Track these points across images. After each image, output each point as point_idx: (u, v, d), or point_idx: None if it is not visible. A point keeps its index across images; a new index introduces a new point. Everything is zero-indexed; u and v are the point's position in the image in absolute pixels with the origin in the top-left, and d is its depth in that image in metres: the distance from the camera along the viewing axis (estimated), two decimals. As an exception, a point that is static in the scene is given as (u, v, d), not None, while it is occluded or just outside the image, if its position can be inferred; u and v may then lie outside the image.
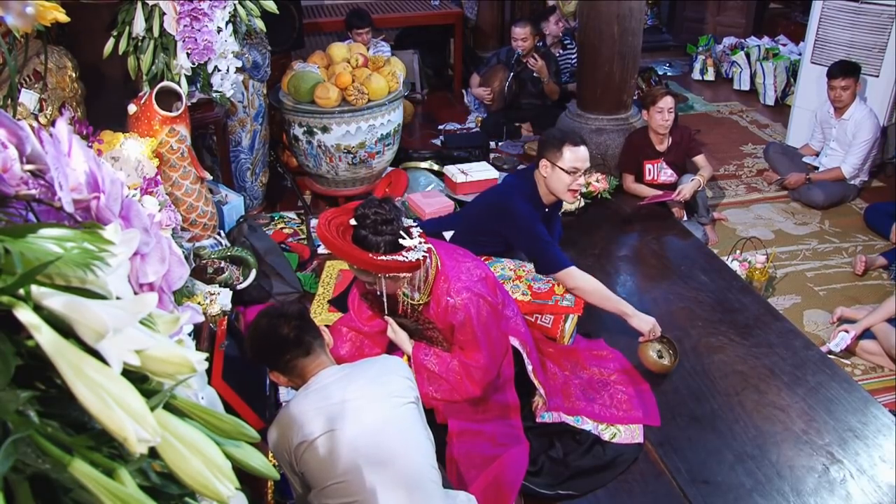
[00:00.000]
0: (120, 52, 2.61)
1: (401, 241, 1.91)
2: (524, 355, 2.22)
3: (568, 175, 2.52)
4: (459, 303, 2.00)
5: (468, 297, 2.00)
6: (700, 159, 3.87)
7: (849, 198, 4.15)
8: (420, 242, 1.94)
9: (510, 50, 4.86)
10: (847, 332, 2.88)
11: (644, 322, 2.46)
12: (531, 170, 2.68)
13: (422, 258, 1.92)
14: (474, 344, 2.04)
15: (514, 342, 2.20)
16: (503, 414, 2.18)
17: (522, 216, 2.54)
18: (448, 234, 2.75)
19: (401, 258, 1.89)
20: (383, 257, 1.88)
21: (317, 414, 1.56)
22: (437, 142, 4.78)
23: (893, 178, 4.37)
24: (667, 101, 3.69)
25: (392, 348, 2.25)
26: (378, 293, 2.02)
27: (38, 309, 0.52)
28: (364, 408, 1.59)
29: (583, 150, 2.53)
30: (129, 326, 0.53)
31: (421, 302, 2.07)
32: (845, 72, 3.99)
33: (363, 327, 2.27)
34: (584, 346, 2.61)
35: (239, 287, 2.62)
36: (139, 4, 2.54)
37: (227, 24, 2.74)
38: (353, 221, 1.92)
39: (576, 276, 2.51)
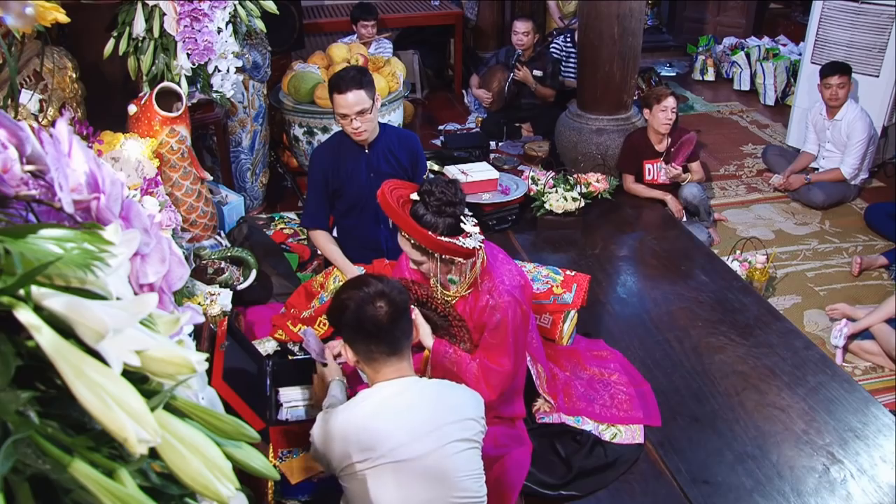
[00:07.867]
0: (120, 53, 2.61)
1: (462, 224, 1.89)
2: (534, 372, 2.22)
3: (339, 118, 2.56)
4: (500, 304, 1.98)
5: (509, 301, 1.98)
6: (695, 166, 3.94)
7: (849, 198, 4.15)
8: (477, 232, 1.93)
9: (510, 50, 4.86)
10: (841, 317, 2.92)
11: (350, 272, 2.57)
12: None
13: (478, 247, 1.92)
14: (503, 349, 2.01)
15: (527, 358, 2.19)
16: (509, 420, 2.18)
17: (310, 160, 2.81)
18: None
19: (458, 242, 1.88)
20: (442, 238, 1.86)
21: (376, 437, 1.46)
22: (438, 142, 4.78)
23: (893, 178, 4.37)
24: (671, 101, 3.74)
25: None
26: (423, 274, 2.00)
27: (38, 309, 0.52)
28: (427, 448, 1.49)
29: (345, 98, 2.48)
30: (129, 327, 0.53)
31: (457, 296, 2.04)
32: (840, 70, 4.00)
33: None
34: (585, 347, 2.61)
35: (239, 287, 2.62)
36: (139, 5, 2.54)
37: (227, 24, 2.74)
38: (414, 196, 1.89)
39: (315, 235, 2.77)
